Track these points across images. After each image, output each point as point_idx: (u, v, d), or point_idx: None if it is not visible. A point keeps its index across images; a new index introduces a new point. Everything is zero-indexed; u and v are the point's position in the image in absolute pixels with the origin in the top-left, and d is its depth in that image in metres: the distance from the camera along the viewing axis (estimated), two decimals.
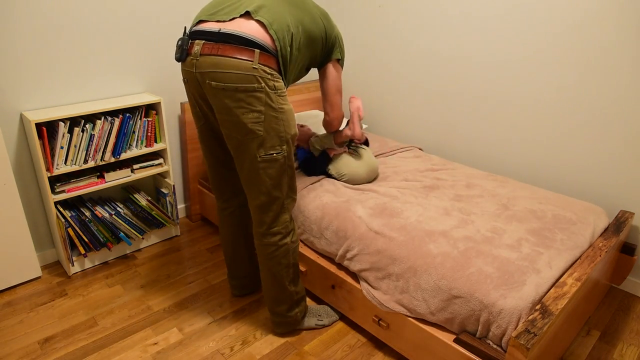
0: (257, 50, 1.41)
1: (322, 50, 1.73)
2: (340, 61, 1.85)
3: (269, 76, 1.44)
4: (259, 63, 1.42)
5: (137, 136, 2.29)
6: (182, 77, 1.77)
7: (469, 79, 2.54)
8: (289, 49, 1.50)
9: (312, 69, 1.84)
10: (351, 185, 2.10)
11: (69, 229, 2.13)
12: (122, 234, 2.32)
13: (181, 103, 2.56)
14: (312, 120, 2.68)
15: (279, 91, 1.49)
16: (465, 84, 2.56)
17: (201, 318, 1.98)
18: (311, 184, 2.13)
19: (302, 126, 2.31)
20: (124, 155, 2.24)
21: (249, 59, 1.41)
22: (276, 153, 1.53)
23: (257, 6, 1.46)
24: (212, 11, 1.51)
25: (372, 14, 2.91)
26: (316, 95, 3.18)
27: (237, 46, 1.41)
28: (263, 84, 1.43)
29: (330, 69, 1.82)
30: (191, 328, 1.92)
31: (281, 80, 1.50)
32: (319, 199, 2.01)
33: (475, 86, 2.52)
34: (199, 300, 2.09)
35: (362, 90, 3.12)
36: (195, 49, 1.45)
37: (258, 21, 1.44)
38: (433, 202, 1.96)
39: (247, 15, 1.45)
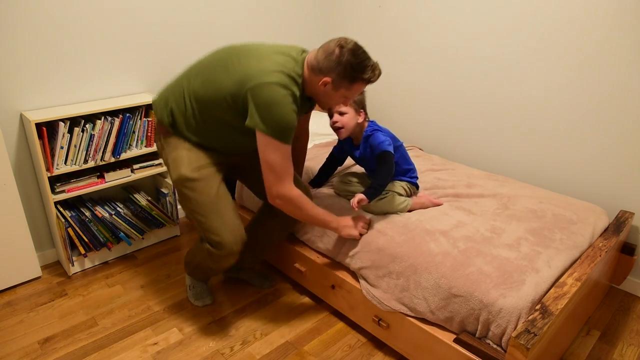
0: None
1: (229, 112, 1.59)
2: (263, 131, 1.51)
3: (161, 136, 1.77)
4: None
5: (137, 136, 2.29)
6: None
7: (469, 79, 2.54)
8: (178, 118, 1.69)
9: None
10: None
11: (69, 229, 2.13)
12: (122, 234, 2.32)
13: None
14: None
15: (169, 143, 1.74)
16: (465, 83, 2.57)
17: (201, 318, 1.98)
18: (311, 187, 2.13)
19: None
20: (124, 155, 2.24)
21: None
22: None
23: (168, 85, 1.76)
24: None
25: (372, 14, 2.91)
26: None
27: None
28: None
29: (257, 135, 1.55)
30: (191, 328, 1.92)
31: (172, 137, 1.72)
32: (320, 201, 2.01)
33: (475, 86, 2.52)
34: None
35: None
36: None
37: None
38: None
39: None
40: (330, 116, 1.85)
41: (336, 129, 1.84)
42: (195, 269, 1.93)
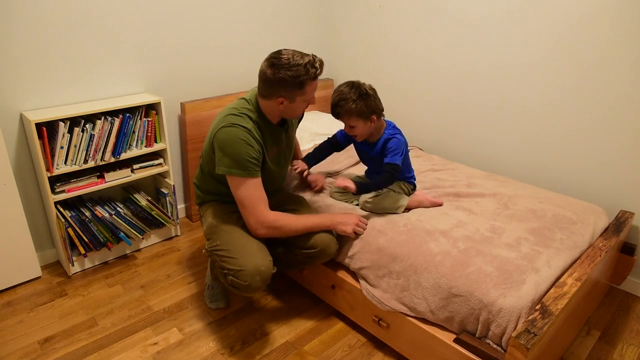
0: None
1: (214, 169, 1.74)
2: (228, 173, 1.65)
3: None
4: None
5: (137, 136, 2.29)
6: None
7: (470, 79, 2.54)
8: (201, 193, 1.94)
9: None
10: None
11: (69, 229, 2.13)
12: (122, 234, 2.32)
13: (181, 103, 2.56)
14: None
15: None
16: (465, 84, 2.57)
17: (201, 318, 1.98)
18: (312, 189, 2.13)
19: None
20: (124, 155, 2.24)
21: None
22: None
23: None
24: None
25: (372, 14, 2.91)
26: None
27: None
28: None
29: (227, 179, 1.70)
30: (191, 328, 1.92)
31: (204, 205, 1.93)
32: (321, 201, 2.01)
33: (475, 86, 2.52)
34: (199, 300, 2.09)
35: None
36: None
37: None
38: None
39: None
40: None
41: (351, 135, 1.89)
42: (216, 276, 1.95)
